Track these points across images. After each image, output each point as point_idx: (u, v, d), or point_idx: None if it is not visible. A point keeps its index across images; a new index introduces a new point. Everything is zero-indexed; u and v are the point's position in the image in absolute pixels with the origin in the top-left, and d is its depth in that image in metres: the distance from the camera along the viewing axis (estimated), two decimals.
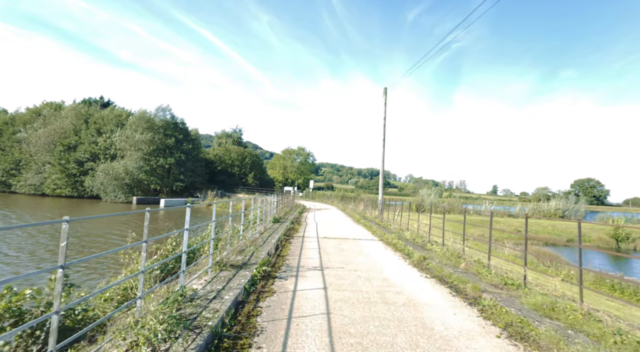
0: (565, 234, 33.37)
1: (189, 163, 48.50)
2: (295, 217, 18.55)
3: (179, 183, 47.82)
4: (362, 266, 7.59)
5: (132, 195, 43.59)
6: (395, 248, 10.23)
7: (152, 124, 46.15)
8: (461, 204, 53.14)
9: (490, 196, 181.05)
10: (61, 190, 47.33)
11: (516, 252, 15.36)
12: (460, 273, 6.84)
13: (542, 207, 49.44)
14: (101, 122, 50.68)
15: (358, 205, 29.96)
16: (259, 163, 67.16)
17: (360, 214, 23.06)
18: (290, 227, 13.84)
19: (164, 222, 25.13)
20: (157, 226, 22.40)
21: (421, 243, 10.61)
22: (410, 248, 9.63)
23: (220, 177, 59.40)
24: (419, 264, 8.01)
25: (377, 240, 11.89)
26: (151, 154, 44.86)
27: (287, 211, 22.01)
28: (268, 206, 14.61)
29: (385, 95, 21.19)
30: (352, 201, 38.30)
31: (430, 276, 6.96)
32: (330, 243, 10.68)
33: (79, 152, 48.09)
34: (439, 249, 9.25)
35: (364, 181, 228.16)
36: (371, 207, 26.54)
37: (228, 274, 5.90)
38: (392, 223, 16.19)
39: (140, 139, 43.33)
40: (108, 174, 42.16)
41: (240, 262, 6.81)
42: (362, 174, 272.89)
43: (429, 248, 9.73)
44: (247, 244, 8.92)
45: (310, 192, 53.78)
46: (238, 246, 8.04)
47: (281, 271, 6.85)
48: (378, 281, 6.41)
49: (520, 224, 34.75)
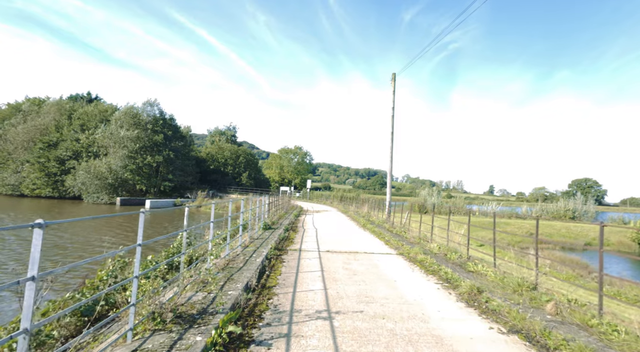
0: (581, 237, 30.96)
1: (178, 161, 45.53)
2: (291, 222, 15.85)
3: (168, 183, 44.87)
4: (390, 307, 4.90)
5: (116, 196, 40.60)
6: (425, 268, 7.55)
7: (138, 120, 43.14)
8: (465, 205, 50.76)
9: (487, 196, 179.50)
10: (41, 190, 44.17)
11: (563, 267, 12.74)
12: (556, 325, 4.19)
13: (550, 208, 47.18)
14: (85, 118, 47.59)
15: (361, 206, 27.31)
16: (254, 162, 64.29)
17: (364, 217, 20.41)
18: (284, 237, 11.12)
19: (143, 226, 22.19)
20: (130, 233, 19.54)
21: (458, 261, 7.94)
22: (448, 269, 6.98)
23: (213, 176, 56.47)
24: (474, 302, 5.33)
25: (395, 254, 9.21)
26: (137, 152, 41.87)
27: (282, 214, 19.30)
28: (260, 208, 11.96)
29: (394, 82, 18.57)
30: (353, 201, 35.65)
31: (507, 331, 4.27)
32: (337, 261, 7.99)
33: (60, 150, 44.96)
34: (491, 273, 6.60)
35: (361, 181, 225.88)
36: (376, 209, 23.92)
37: (162, 344, 3.20)
38: (407, 229, 13.52)
39: (126, 135, 40.34)
40: (90, 173, 39.12)
41: (196, 310, 4.10)
42: (360, 174, 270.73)
43: (472, 269, 7.08)
44: (220, 267, 6.22)
45: (307, 193, 51.05)
46: (203, 273, 5.31)
47: (263, 322, 4.15)
48: (426, 344, 3.73)
49: (532, 225, 32.32)
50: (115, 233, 20.13)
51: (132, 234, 19.01)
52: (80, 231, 19.57)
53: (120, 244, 16.78)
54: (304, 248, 9.50)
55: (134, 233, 19.86)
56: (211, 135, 70.93)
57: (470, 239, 9.28)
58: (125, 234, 19.27)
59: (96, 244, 15.68)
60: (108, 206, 38.84)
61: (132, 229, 21.60)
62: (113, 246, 14.93)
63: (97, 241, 17.02)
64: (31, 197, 45.21)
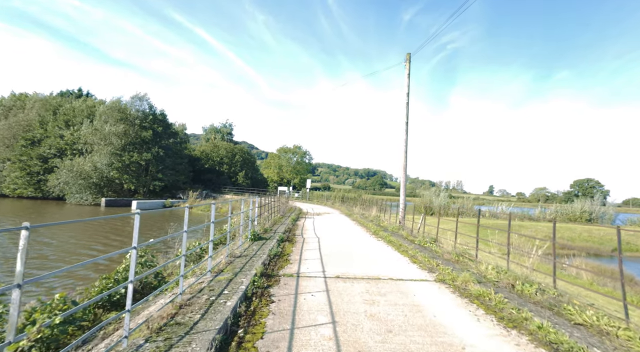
0: (606, 242, 28.27)
1: (168, 160, 42.64)
2: (288, 229, 13.09)
3: (158, 182, 42.01)
4: None
5: (101, 196, 37.76)
6: (494, 312, 4.78)
7: (126, 115, 40.22)
8: (473, 205, 47.97)
9: (488, 196, 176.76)
10: (22, 190, 41.34)
11: None
12: None
13: (566, 210, 44.49)
14: (71, 114, 44.68)
15: (367, 208, 24.57)
16: (250, 161, 61.46)
17: (373, 221, 17.67)
18: (277, 253, 8.35)
19: (122, 231, 19.44)
20: (106, 241, 16.75)
21: (543, 299, 5.16)
22: (540, 321, 4.24)
23: (207, 176, 53.62)
24: None
25: (434, 282, 6.43)
26: (124, 149, 39.00)
27: (278, 219, 16.54)
28: (254, 210, 9.22)
29: (409, 63, 15.82)
30: (355, 202, 32.87)
31: None
32: (354, 297, 5.24)
33: (44, 147, 42.10)
34: (623, 332, 3.86)
35: (361, 181, 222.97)
36: (382, 211, 21.18)
37: None
38: (430, 238, 10.77)
39: (111, 131, 37.45)
40: (72, 172, 36.26)
41: None
42: (359, 175, 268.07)
43: (582, 321, 4.33)
44: (155, 326, 3.47)
45: (307, 193, 48.25)
46: None
47: None
48: None
49: (550, 229, 29.71)
50: (104, 235, 17.39)
51: (111, 239, 16.24)
52: (58, 234, 16.84)
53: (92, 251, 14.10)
54: (304, 271, 6.74)
55: (115, 237, 17.09)
56: (206, 132, 67.89)
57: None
58: (106, 238, 16.46)
59: (72, 251, 13.03)
60: (92, 207, 36.00)
61: (117, 232, 18.84)
62: (81, 256, 12.16)
63: (74, 246, 14.35)
64: (12, 197, 42.39)
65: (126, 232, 19.23)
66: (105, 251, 14.02)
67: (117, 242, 16.65)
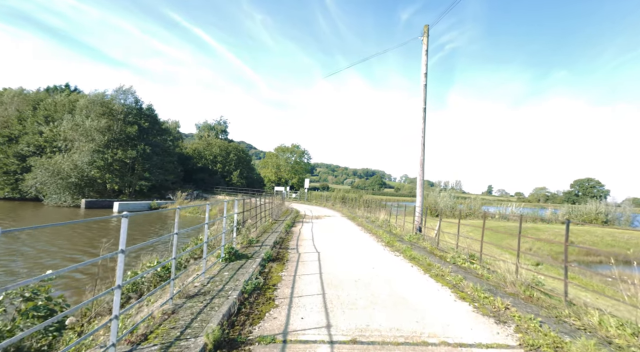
0: (633, 246, 25.63)
1: (156, 158, 39.73)
2: (279, 240, 10.33)
3: (145, 182, 39.12)
4: None
5: (82, 197, 34.84)
6: None
7: (109, 109, 37.31)
8: (481, 206, 45.31)
9: (487, 196, 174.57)
10: None
11: None
12: None
13: (579, 210, 41.84)
14: (52, 109, 41.72)
15: (371, 211, 21.84)
16: (246, 159, 58.64)
17: (382, 227, 14.97)
18: (257, 286, 5.56)
19: (100, 238, 16.52)
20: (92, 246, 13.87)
21: None
22: None
23: (200, 175, 50.73)
24: None
25: (520, 349, 3.72)
26: (107, 146, 36.09)
27: (268, 225, 13.78)
28: (236, 216, 6.38)
29: (427, 37, 13.09)
30: (357, 203, 30.15)
31: None
32: None
33: (22, 145, 39.14)
34: None
35: (359, 181, 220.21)
36: (389, 214, 18.48)
37: None
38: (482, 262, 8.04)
39: (92, 126, 34.53)
40: (49, 171, 33.34)
41: None
42: (358, 174, 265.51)
43: None
44: None
45: (305, 193, 45.45)
46: None
47: None
48: None
49: (570, 232, 27.08)
50: (88, 240, 14.52)
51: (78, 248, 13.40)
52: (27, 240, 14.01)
53: None
54: (295, 327, 3.98)
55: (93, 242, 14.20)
56: (199, 130, 64.88)
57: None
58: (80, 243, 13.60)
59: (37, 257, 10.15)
60: (71, 209, 33.10)
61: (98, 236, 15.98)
62: None
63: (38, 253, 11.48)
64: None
65: (100, 238, 16.35)
66: (78, 260, 11.19)
67: (80, 253, 13.82)
